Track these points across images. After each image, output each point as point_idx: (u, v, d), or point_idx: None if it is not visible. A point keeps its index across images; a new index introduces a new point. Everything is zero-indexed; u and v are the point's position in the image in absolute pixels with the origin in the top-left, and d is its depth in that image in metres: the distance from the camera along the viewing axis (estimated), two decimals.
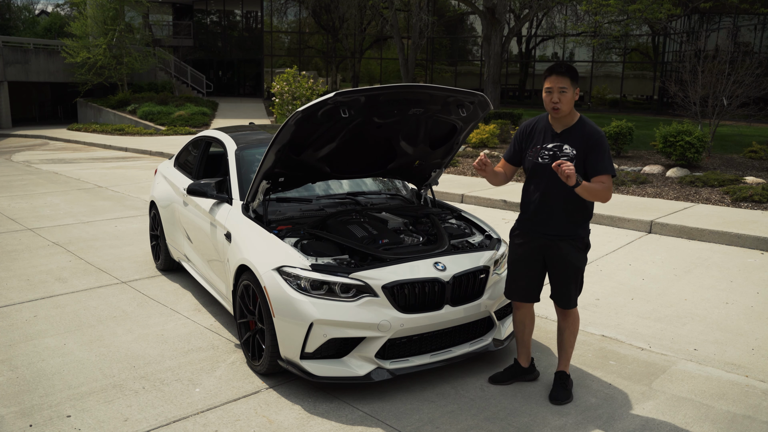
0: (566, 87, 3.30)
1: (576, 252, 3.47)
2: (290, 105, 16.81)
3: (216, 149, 5.53)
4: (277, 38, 35.92)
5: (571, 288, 3.53)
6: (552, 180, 3.38)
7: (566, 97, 3.32)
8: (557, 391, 3.60)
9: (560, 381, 3.64)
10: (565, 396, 3.58)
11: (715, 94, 12.50)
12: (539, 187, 3.47)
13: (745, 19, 24.21)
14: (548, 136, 3.46)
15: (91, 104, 26.70)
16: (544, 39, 32.09)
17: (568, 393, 3.60)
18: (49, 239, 7.24)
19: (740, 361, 4.13)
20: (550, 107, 3.37)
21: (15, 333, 4.52)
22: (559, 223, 3.44)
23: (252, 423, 3.35)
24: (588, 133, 3.37)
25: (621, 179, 10.18)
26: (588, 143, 3.34)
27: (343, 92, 3.51)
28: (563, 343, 3.66)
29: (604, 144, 3.35)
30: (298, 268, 3.54)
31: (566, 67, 3.34)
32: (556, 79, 3.31)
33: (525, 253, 3.59)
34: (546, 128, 3.49)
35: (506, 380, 3.79)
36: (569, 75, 3.31)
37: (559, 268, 3.50)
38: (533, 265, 3.58)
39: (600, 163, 3.32)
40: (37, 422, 3.34)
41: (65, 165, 14.42)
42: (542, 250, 3.53)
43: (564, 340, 3.65)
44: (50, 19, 48.01)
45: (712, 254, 6.68)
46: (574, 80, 3.33)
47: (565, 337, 3.64)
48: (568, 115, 3.41)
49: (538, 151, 3.47)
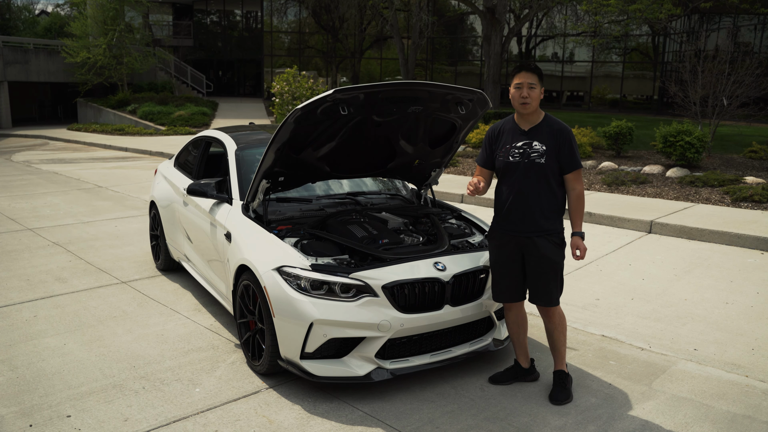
0: (535, 83, 3.43)
1: (553, 247, 3.51)
2: (290, 105, 16.82)
3: (216, 149, 5.53)
4: (277, 38, 35.92)
5: (550, 284, 3.54)
6: (524, 178, 3.48)
7: (535, 93, 3.44)
8: (557, 392, 3.60)
9: (559, 380, 3.64)
10: (565, 396, 3.58)
11: (715, 94, 12.50)
12: (512, 186, 3.54)
13: (745, 19, 24.21)
14: (516, 135, 3.55)
15: (91, 104, 26.70)
16: (544, 39, 32.08)
17: (568, 392, 3.60)
18: (49, 239, 7.24)
19: (740, 361, 4.13)
20: (519, 102, 3.47)
21: (15, 333, 4.52)
22: (533, 220, 3.49)
23: (252, 423, 3.35)
24: (557, 130, 3.48)
25: (621, 179, 10.18)
26: (558, 140, 3.46)
27: (342, 89, 3.51)
28: (554, 343, 3.67)
29: (573, 140, 3.49)
30: (298, 268, 3.54)
31: (535, 66, 3.50)
32: (526, 75, 3.44)
33: (503, 254, 3.63)
34: (513, 128, 3.59)
35: (506, 381, 3.79)
36: (537, 73, 3.46)
37: (537, 264, 3.53)
38: (513, 265, 3.61)
39: (573, 160, 3.48)
40: (37, 422, 3.34)
41: (65, 165, 14.42)
42: (520, 249, 3.57)
43: (554, 340, 3.66)
44: (50, 19, 47.99)
45: (712, 254, 6.68)
46: (541, 79, 3.48)
47: (554, 337, 3.65)
48: (535, 113, 3.52)
49: (508, 150, 3.54)
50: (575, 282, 5.72)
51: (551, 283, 3.54)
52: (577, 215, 3.53)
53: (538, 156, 3.45)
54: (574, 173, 3.50)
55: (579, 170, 3.52)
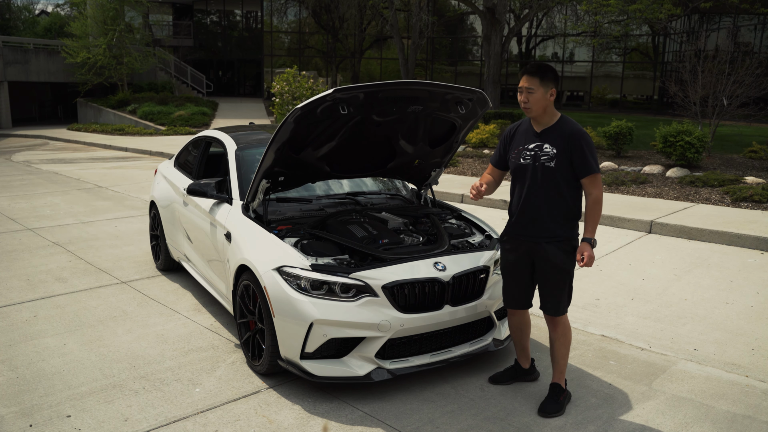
0: (533, 88, 3.29)
1: (563, 254, 3.38)
2: (290, 105, 16.81)
3: (216, 149, 5.53)
4: (277, 38, 35.92)
5: (558, 293, 3.43)
6: (533, 181, 3.38)
7: (534, 97, 3.30)
8: (547, 404, 3.48)
9: (553, 393, 3.52)
10: (555, 409, 3.45)
11: (715, 94, 12.50)
12: (522, 189, 3.45)
13: (745, 19, 24.21)
14: (530, 137, 3.46)
15: (91, 104, 26.70)
16: (544, 39, 32.09)
17: (559, 406, 3.46)
18: (49, 239, 7.24)
19: (740, 361, 4.13)
20: (522, 107, 3.38)
21: (15, 333, 4.52)
22: (542, 224, 3.39)
23: (252, 423, 3.35)
24: (569, 133, 3.33)
25: (621, 179, 10.18)
26: (569, 143, 3.31)
27: (342, 89, 3.51)
28: (555, 355, 3.53)
29: (587, 143, 3.31)
30: (298, 268, 3.54)
31: (536, 67, 3.31)
32: (525, 79, 3.32)
33: (514, 259, 3.54)
34: (528, 129, 3.49)
35: (506, 381, 3.79)
36: (538, 75, 3.29)
37: (545, 271, 3.42)
38: (523, 271, 3.52)
39: (585, 165, 3.31)
40: (37, 422, 3.34)
41: (65, 165, 14.42)
42: (530, 254, 3.47)
43: (555, 351, 3.52)
44: (50, 19, 47.98)
45: (712, 254, 6.68)
46: (545, 80, 3.29)
47: (556, 348, 3.52)
48: (547, 114, 3.38)
49: (520, 152, 3.46)
50: (575, 282, 5.69)
51: (557, 290, 3.42)
52: (590, 220, 3.36)
53: (548, 159, 3.33)
54: (589, 178, 3.33)
55: (595, 175, 3.33)
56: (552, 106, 3.38)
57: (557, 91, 3.35)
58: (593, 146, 3.35)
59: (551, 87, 3.31)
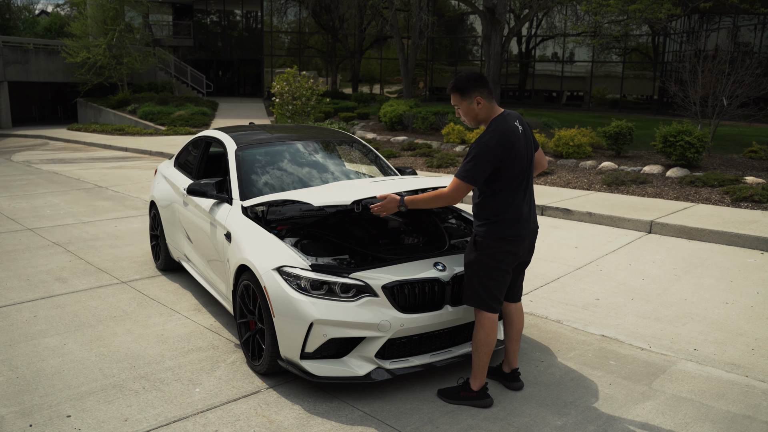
0: (457, 104, 3.44)
1: (468, 246, 3.48)
2: (290, 105, 16.80)
3: (216, 149, 5.53)
4: (277, 38, 35.93)
5: (471, 283, 3.45)
6: None
7: (462, 111, 3.44)
8: (448, 388, 3.61)
9: (464, 384, 3.59)
10: (448, 395, 3.55)
11: (715, 94, 12.50)
12: None
13: (745, 19, 24.21)
14: None
15: (91, 104, 26.71)
16: (544, 39, 32.08)
17: (453, 397, 3.54)
18: (49, 239, 7.24)
19: (740, 361, 4.13)
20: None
21: (15, 333, 4.52)
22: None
23: (252, 423, 3.35)
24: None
25: (621, 179, 10.18)
26: None
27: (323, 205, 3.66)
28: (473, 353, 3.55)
29: (473, 150, 3.28)
30: (298, 268, 3.54)
31: (452, 84, 3.42)
32: (451, 97, 3.46)
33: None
34: None
35: (489, 376, 3.77)
36: (457, 91, 3.40)
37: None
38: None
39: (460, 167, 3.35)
40: (37, 422, 3.34)
41: (65, 165, 14.42)
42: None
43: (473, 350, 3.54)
44: (50, 19, 48.00)
45: (712, 254, 6.68)
46: (465, 94, 3.36)
47: (473, 346, 3.54)
48: (484, 121, 3.41)
49: None
50: (575, 282, 5.72)
51: (471, 282, 3.45)
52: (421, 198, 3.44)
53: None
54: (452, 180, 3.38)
55: (455, 178, 3.32)
56: (486, 110, 3.38)
57: (483, 97, 3.36)
58: (478, 152, 3.26)
59: (474, 96, 3.36)
